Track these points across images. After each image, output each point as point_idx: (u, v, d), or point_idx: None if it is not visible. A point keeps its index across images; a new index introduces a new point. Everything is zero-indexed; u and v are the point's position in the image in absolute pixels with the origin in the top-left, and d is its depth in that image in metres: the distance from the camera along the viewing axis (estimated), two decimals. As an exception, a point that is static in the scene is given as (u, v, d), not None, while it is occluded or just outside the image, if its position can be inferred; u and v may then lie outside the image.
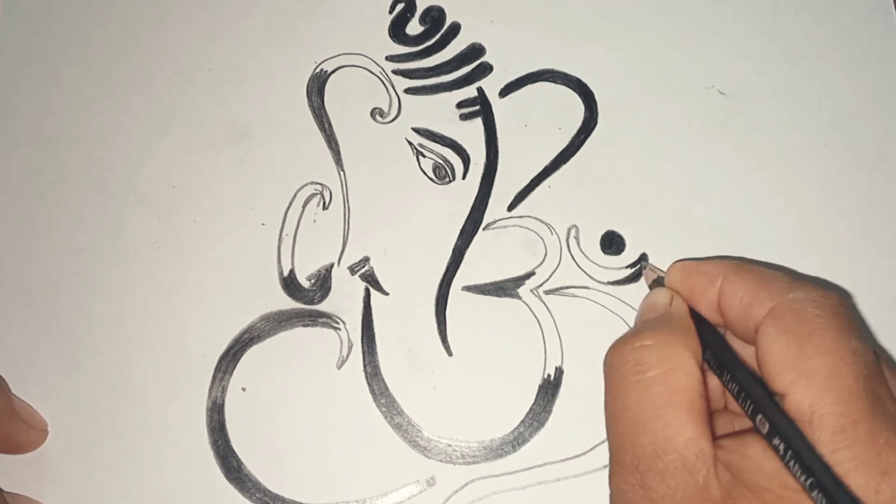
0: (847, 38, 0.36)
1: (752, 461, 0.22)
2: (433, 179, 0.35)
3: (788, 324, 0.23)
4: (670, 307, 0.28)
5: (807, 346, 0.23)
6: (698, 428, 0.23)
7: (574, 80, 0.36)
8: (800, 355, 0.23)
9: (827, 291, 0.24)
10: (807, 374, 0.22)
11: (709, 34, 0.36)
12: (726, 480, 0.22)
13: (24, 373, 0.33)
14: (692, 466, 0.23)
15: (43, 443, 0.32)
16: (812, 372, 0.22)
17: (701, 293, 0.27)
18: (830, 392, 0.22)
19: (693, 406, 0.24)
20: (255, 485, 0.32)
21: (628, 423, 0.24)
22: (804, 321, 0.23)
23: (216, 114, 0.36)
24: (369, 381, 0.33)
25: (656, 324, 0.27)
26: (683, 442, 0.23)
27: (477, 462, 0.32)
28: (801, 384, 0.22)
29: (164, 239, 0.34)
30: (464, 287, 0.34)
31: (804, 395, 0.22)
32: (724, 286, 0.26)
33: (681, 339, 0.25)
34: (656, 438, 0.23)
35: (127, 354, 0.33)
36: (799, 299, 0.24)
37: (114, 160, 0.35)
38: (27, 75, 0.36)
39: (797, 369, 0.22)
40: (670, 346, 0.25)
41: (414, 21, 0.37)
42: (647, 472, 0.23)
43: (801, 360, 0.23)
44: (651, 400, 0.24)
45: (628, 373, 0.25)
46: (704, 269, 0.27)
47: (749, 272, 0.26)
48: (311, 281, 0.34)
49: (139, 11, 0.37)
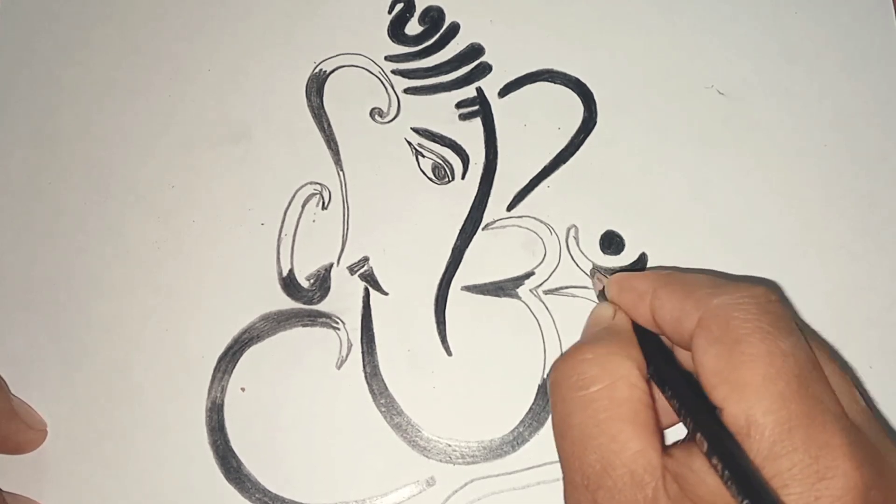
0: (847, 38, 0.36)
1: (696, 475, 0.22)
2: (432, 179, 0.35)
3: (715, 333, 0.23)
4: (613, 320, 0.27)
5: (735, 355, 0.22)
6: (645, 439, 0.23)
7: (573, 80, 0.36)
8: (730, 366, 0.22)
9: (752, 290, 0.24)
10: (739, 386, 0.22)
11: (708, 34, 0.36)
12: (674, 493, 0.22)
13: (24, 373, 0.33)
14: (641, 479, 0.22)
15: (42, 443, 0.32)
16: (744, 382, 0.22)
17: (634, 309, 0.27)
18: (764, 401, 0.21)
19: (638, 417, 0.23)
20: (254, 485, 0.32)
21: (574, 440, 0.24)
22: (730, 328, 0.23)
23: (215, 114, 0.36)
24: (369, 381, 0.33)
25: (598, 337, 0.26)
26: (631, 455, 0.23)
27: (476, 462, 0.32)
28: (734, 396, 0.22)
29: (164, 239, 0.34)
30: (463, 287, 0.34)
31: (739, 407, 0.21)
32: (653, 301, 0.26)
33: (622, 352, 0.25)
34: (603, 454, 0.23)
35: (126, 354, 0.33)
36: (723, 305, 0.23)
37: (113, 160, 0.35)
38: (27, 75, 0.37)
39: (729, 381, 0.22)
40: (611, 359, 0.24)
41: (413, 21, 0.37)
42: (597, 491, 0.23)
43: (731, 370, 0.22)
44: (595, 415, 0.23)
45: (571, 388, 0.24)
46: (635, 283, 0.27)
47: (675, 283, 0.25)
48: (311, 281, 0.34)
49: (139, 11, 0.37)
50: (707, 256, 0.33)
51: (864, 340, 0.32)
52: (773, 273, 0.33)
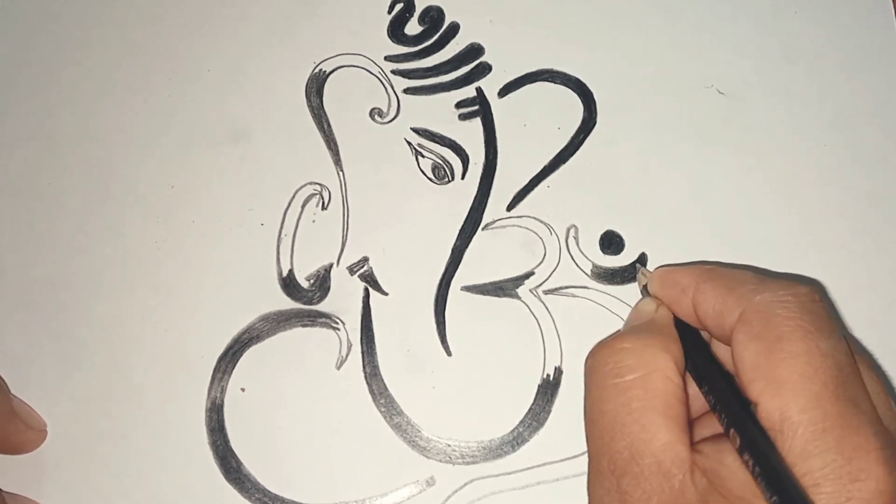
0: (847, 38, 0.36)
1: (727, 469, 0.22)
2: (432, 179, 0.35)
3: (756, 329, 0.23)
4: (655, 314, 0.28)
5: (775, 352, 0.22)
6: (674, 433, 0.23)
7: (573, 80, 0.36)
8: (769, 362, 0.22)
9: (796, 288, 0.24)
10: (776, 382, 0.22)
11: (708, 34, 0.36)
12: (702, 486, 0.22)
13: (24, 373, 0.33)
14: (668, 471, 0.22)
15: (42, 443, 0.32)
16: (781, 379, 0.22)
17: (677, 303, 0.27)
18: (800, 399, 0.21)
19: (670, 411, 0.23)
20: (254, 485, 0.32)
21: (605, 426, 0.24)
22: (772, 325, 0.23)
23: (215, 114, 0.36)
24: (368, 381, 0.33)
25: (638, 329, 0.26)
26: (660, 446, 0.23)
27: (476, 462, 0.32)
28: (770, 392, 0.22)
29: (164, 239, 0.34)
30: (463, 287, 0.34)
31: (774, 404, 0.22)
32: (696, 296, 0.26)
33: (661, 344, 0.25)
34: (632, 442, 0.23)
35: (126, 354, 0.33)
36: (766, 301, 0.23)
37: (113, 160, 0.35)
38: (26, 75, 0.37)
39: (766, 377, 0.22)
40: (649, 350, 0.24)
41: (413, 21, 0.37)
42: (622, 477, 0.23)
43: (770, 367, 0.22)
44: (628, 403, 0.24)
45: (607, 375, 0.24)
46: (678, 278, 0.27)
47: (719, 278, 0.25)
48: (311, 281, 0.34)
49: (138, 11, 0.37)
50: (707, 256, 0.33)
51: (864, 340, 0.32)
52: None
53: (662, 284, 0.28)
